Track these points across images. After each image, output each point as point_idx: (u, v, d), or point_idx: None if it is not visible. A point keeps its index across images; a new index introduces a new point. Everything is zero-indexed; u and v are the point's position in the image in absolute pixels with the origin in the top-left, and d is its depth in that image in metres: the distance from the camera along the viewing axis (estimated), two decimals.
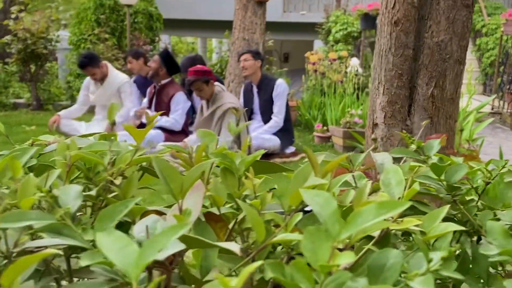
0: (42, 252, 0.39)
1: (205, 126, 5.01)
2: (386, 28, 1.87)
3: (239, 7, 6.92)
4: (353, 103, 6.61)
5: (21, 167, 0.59)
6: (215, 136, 0.73)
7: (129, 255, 0.37)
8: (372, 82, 1.95)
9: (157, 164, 0.53)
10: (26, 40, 7.79)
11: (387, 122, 1.85)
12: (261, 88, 5.59)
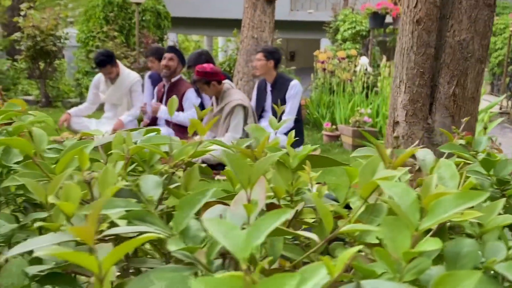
0: (143, 236, 0.41)
1: (214, 123, 5.03)
2: (408, 26, 1.88)
3: (248, 6, 6.92)
4: (362, 102, 6.62)
5: (88, 159, 0.61)
6: (265, 131, 0.74)
7: (236, 238, 0.39)
8: (393, 81, 1.96)
9: (227, 156, 0.55)
10: (35, 37, 7.82)
11: (408, 120, 1.87)
12: (275, 87, 5.57)
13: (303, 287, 0.35)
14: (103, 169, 0.53)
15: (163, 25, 9.49)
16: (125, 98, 5.93)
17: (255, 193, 0.57)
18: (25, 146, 0.59)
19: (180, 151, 0.68)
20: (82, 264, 0.39)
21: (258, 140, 0.73)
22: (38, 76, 8.18)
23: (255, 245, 0.39)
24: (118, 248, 0.40)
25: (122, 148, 0.73)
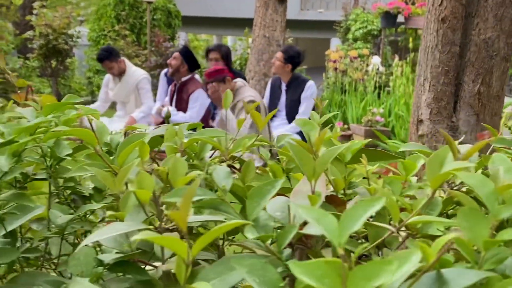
0: (227, 224, 0.41)
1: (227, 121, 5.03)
2: (433, 25, 1.88)
3: (260, 5, 6.93)
4: (374, 101, 6.60)
5: (149, 151, 0.62)
6: (315, 125, 0.75)
7: (329, 224, 0.40)
8: (417, 79, 1.96)
9: (292, 148, 0.56)
10: (47, 36, 7.87)
11: (432, 118, 1.86)
12: (291, 87, 5.56)
13: (399, 272, 0.35)
14: (173, 160, 0.54)
15: (174, 24, 9.51)
16: (132, 95, 5.97)
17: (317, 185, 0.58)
18: (90, 137, 0.60)
19: (237, 143, 0.68)
20: (173, 249, 0.40)
21: (308, 134, 0.73)
22: (50, 74, 8.23)
23: (351, 231, 0.39)
24: (206, 236, 0.41)
25: (175, 141, 0.74)
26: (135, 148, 0.63)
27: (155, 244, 0.55)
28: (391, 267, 0.34)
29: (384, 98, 6.66)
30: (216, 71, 4.77)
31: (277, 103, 5.68)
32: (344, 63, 7.27)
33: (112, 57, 5.68)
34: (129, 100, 5.98)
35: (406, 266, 0.36)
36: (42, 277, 0.65)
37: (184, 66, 5.56)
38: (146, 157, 0.63)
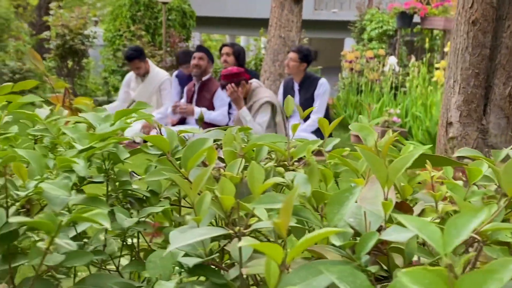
0: (325, 231, 0.42)
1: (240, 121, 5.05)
2: (463, 27, 1.88)
3: (276, 5, 6.94)
4: (391, 102, 6.58)
5: (216, 156, 0.64)
6: (372, 130, 0.76)
7: (433, 233, 0.41)
8: (446, 81, 1.96)
9: (364, 155, 0.57)
10: (64, 36, 7.95)
11: (462, 121, 1.86)
12: (303, 87, 5.58)
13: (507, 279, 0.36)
14: (251, 166, 0.55)
15: (188, 24, 9.55)
16: (154, 96, 6.00)
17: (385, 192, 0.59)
18: (163, 143, 0.62)
19: (300, 148, 0.69)
20: (270, 255, 0.41)
21: (366, 138, 0.74)
22: (66, 75, 8.31)
23: (458, 241, 0.40)
24: (302, 243, 0.42)
25: (234, 146, 0.75)
26: (203, 154, 0.64)
27: (233, 248, 0.56)
28: (499, 275, 0.35)
29: (401, 98, 6.64)
30: (233, 74, 4.77)
31: None
32: (360, 63, 7.25)
33: (141, 57, 5.76)
34: (151, 101, 6.01)
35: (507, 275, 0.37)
36: (110, 279, 0.67)
37: (210, 66, 5.61)
38: (213, 162, 0.64)
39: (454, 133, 1.87)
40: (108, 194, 0.84)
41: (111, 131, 0.62)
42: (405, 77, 7.28)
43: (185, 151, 0.68)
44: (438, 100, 5.95)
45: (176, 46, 8.34)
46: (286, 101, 4.04)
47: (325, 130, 0.78)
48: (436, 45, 8.15)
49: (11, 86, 1.35)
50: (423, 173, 0.67)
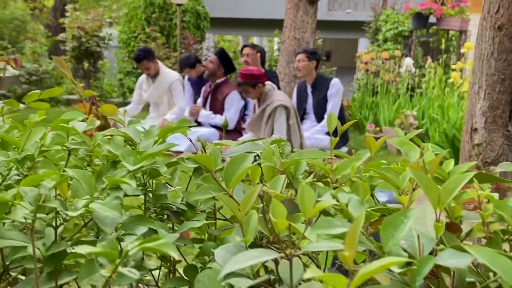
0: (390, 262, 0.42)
1: (256, 125, 5.04)
2: (489, 32, 1.85)
3: (291, 6, 6.92)
4: (407, 103, 6.54)
5: (260, 174, 0.64)
6: (414, 146, 0.75)
7: (505, 265, 0.40)
8: (471, 87, 1.93)
9: (415, 175, 0.56)
10: (80, 38, 8.02)
11: (487, 127, 1.84)
12: (316, 88, 5.57)
13: None
14: (301, 188, 0.55)
15: (203, 25, 9.58)
16: (165, 96, 6.04)
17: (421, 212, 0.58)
18: (208, 161, 0.62)
19: (344, 164, 0.69)
20: (334, 285, 0.41)
21: (408, 155, 0.74)
22: (82, 76, 8.39)
23: None
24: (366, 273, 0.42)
25: (274, 161, 0.75)
26: (247, 172, 0.64)
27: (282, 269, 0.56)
28: None
29: (417, 100, 6.59)
30: (252, 75, 4.76)
31: (305, 106, 5.69)
32: (375, 64, 7.21)
33: (150, 57, 5.78)
34: (162, 101, 6.06)
35: None
36: None
37: (220, 70, 5.63)
38: (257, 179, 0.64)
39: (479, 139, 1.85)
40: (146, 207, 0.85)
41: (159, 151, 0.62)
42: (421, 78, 7.23)
43: (227, 167, 0.68)
44: (455, 102, 5.90)
45: (190, 48, 8.37)
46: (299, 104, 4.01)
47: (331, 126, 0.78)
48: (452, 46, 8.08)
49: (39, 93, 1.36)
50: (469, 191, 0.66)
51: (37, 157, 0.71)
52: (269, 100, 4.88)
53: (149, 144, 0.72)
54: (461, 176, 0.56)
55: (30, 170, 0.70)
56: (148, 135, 0.76)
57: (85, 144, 0.85)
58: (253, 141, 0.97)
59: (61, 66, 1.48)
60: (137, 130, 0.79)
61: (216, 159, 0.66)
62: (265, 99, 4.92)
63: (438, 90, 6.46)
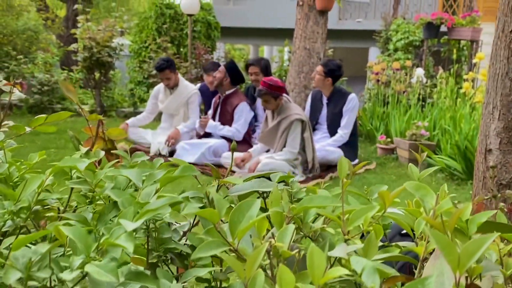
0: None
1: (270, 137, 5.01)
2: (503, 52, 1.81)
3: (301, 17, 6.92)
4: (418, 114, 6.47)
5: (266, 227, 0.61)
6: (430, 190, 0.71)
7: None
8: (485, 107, 1.89)
9: (433, 235, 0.53)
10: (91, 49, 8.07)
11: (502, 148, 1.80)
12: (332, 101, 5.52)
13: None
14: (310, 250, 0.52)
15: (213, 35, 9.61)
16: (182, 108, 6.03)
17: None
18: (212, 215, 0.59)
19: (356, 214, 0.66)
20: None
21: (424, 200, 0.70)
22: (93, 86, 8.42)
23: None
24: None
25: (281, 206, 0.72)
26: (254, 224, 0.61)
27: None
28: None
29: (428, 110, 6.52)
30: (277, 87, 4.76)
31: (318, 116, 5.64)
32: (386, 74, 7.16)
33: (172, 68, 5.84)
34: (178, 113, 6.06)
35: None
36: None
37: (226, 79, 5.61)
38: (263, 232, 0.62)
39: (493, 161, 1.80)
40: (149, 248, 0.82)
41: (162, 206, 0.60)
42: (433, 88, 7.17)
43: (232, 216, 0.65)
44: (466, 113, 5.83)
45: (201, 58, 8.39)
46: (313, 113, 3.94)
47: (342, 173, 0.75)
48: (463, 55, 8.01)
49: (45, 118, 1.35)
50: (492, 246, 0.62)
51: (34, 206, 0.69)
52: (285, 113, 4.85)
53: (151, 191, 0.70)
54: (484, 238, 0.53)
55: (26, 220, 0.68)
56: (150, 179, 0.73)
57: (86, 183, 0.83)
58: (262, 177, 0.94)
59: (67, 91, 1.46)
60: (140, 173, 0.76)
61: (221, 210, 0.63)
62: (280, 111, 4.90)
63: (450, 100, 6.39)
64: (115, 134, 1.49)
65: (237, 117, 5.63)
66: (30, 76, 8.51)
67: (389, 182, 4.96)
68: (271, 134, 5.00)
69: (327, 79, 5.39)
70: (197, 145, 5.50)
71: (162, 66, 5.73)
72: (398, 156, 5.89)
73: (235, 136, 5.60)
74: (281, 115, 4.89)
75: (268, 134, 5.03)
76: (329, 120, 5.55)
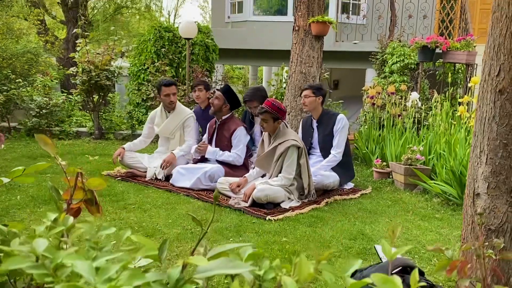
0: None
1: (266, 161, 5.04)
2: (490, 95, 1.85)
3: (297, 41, 7.00)
4: (413, 138, 6.51)
5: None
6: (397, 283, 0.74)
7: None
8: (472, 150, 1.92)
9: None
10: (90, 72, 8.14)
11: (490, 193, 1.82)
12: (322, 123, 5.59)
13: None
14: None
15: (211, 57, 9.70)
16: (177, 132, 6.09)
17: None
18: None
19: None
20: None
21: None
22: (92, 109, 8.48)
23: None
24: None
25: None
26: None
27: None
28: None
29: (424, 134, 6.56)
30: (278, 109, 4.83)
31: (310, 141, 5.70)
32: (381, 98, 7.22)
33: (177, 87, 6.05)
34: (174, 137, 6.13)
35: None
36: None
37: (226, 106, 5.67)
38: None
39: (481, 205, 1.82)
40: None
41: None
42: (428, 111, 7.22)
43: None
44: (462, 138, 5.87)
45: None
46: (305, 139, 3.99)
47: None
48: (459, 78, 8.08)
49: (22, 170, 1.37)
50: None
51: None
52: (282, 138, 4.89)
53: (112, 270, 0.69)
54: None
55: None
56: (103, 273, 0.71)
57: (43, 267, 0.80)
58: (228, 258, 0.90)
59: (44, 144, 1.46)
60: (92, 267, 0.74)
61: None
62: (277, 136, 4.94)
63: (445, 123, 6.44)
64: (95, 185, 1.49)
65: (236, 142, 5.66)
66: (29, 99, 8.56)
67: (385, 207, 4.97)
68: (267, 159, 5.03)
69: (318, 98, 5.53)
70: (193, 170, 5.51)
71: (171, 82, 5.95)
72: (394, 180, 5.91)
73: (236, 161, 5.63)
74: (278, 140, 4.93)
75: (264, 158, 5.06)
76: (321, 143, 5.61)
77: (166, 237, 3.87)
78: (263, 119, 4.90)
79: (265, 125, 4.93)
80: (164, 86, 5.95)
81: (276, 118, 4.87)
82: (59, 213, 1.15)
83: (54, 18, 13.97)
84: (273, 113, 4.83)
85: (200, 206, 4.87)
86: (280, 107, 4.85)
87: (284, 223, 4.34)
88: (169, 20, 25.21)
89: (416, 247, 3.84)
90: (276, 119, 4.87)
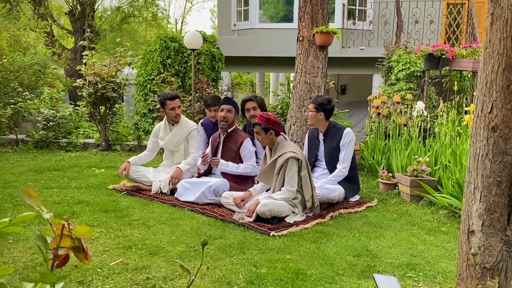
0: None
1: (267, 175, 5.03)
2: (483, 132, 1.83)
3: (301, 52, 7.00)
4: (419, 149, 6.46)
5: None
6: None
7: None
8: (466, 186, 1.90)
9: None
10: (96, 84, 8.19)
11: (485, 230, 1.80)
12: (328, 136, 5.57)
13: None
14: None
15: (217, 66, 9.72)
16: (182, 144, 6.13)
17: None
18: None
19: None
20: None
21: None
22: (99, 121, 8.53)
23: None
24: None
25: None
26: None
27: None
28: None
29: (430, 144, 6.51)
30: (266, 119, 4.83)
31: (316, 154, 5.67)
32: (387, 107, 7.19)
33: (180, 101, 6.13)
34: (178, 149, 6.16)
35: None
36: None
37: (237, 118, 5.72)
38: None
39: (476, 242, 1.80)
40: None
41: None
42: (434, 119, 7.17)
43: None
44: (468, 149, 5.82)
45: (204, 92, 8.47)
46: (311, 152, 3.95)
47: None
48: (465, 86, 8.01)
49: (9, 221, 1.38)
50: None
51: None
52: (281, 151, 4.89)
53: None
54: None
55: None
56: None
57: None
58: None
59: (29, 198, 1.46)
60: None
61: None
62: (276, 149, 4.94)
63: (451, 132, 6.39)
64: (82, 233, 1.50)
65: (247, 153, 5.65)
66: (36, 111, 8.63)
67: (390, 221, 4.94)
68: (268, 172, 5.03)
69: (319, 114, 5.49)
70: (198, 184, 5.51)
71: (175, 95, 6.00)
72: (400, 192, 5.87)
73: (253, 172, 5.63)
74: (277, 153, 4.93)
75: (265, 173, 5.06)
76: (327, 157, 5.58)
77: (170, 256, 3.88)
78: (256, 132, 4.92)
79: (259, 138, 4.95)
80: (168, 100, 5.98)
81: (267, 129, 4.85)
82: None
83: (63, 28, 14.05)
84: (263, 124, 4.83)
85: (204, 221, 4.87)
86: (269, 117, 4.85)
87: (288, 239, 4.33)
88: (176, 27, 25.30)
89: (421, 264, 3.81)
90: (267, 130, 4.86)
